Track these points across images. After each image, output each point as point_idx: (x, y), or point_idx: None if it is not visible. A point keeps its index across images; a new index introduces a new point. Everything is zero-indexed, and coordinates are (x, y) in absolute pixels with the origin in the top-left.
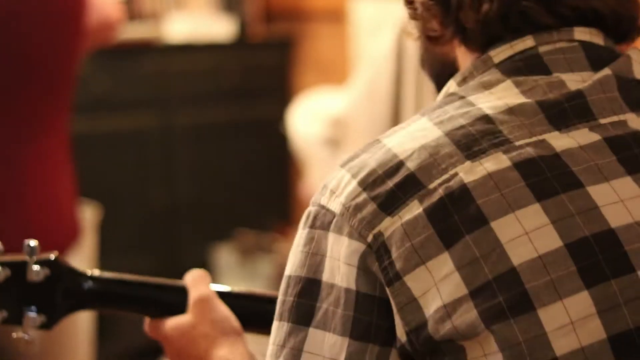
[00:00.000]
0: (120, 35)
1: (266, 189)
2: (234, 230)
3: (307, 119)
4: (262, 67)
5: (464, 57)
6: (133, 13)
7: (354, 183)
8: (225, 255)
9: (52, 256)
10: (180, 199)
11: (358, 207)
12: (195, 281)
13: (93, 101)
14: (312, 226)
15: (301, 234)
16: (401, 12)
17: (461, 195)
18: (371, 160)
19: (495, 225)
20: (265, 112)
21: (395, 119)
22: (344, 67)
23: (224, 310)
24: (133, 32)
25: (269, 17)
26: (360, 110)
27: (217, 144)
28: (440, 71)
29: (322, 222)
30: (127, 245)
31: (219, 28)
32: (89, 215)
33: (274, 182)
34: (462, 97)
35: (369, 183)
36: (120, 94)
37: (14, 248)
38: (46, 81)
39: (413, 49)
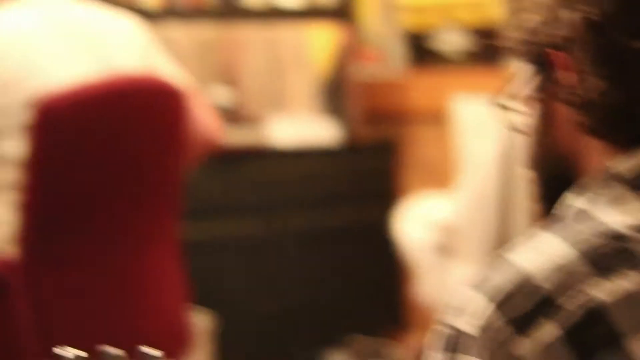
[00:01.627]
0: (227, 140)
1: (376, 294)
2: (345, 336)
3: (415, 224)
4: (367, 170)
5: (593, 154)
6: (237, 117)
7: (489, 306)
8: None
9: None
10: (290, 305)
11: (495, 330)
12: None
13: (202, 208)
14: (447, 349)
15: (436, 357)
16: (506, 112)
17: (600, 316)
18: (505, 281)
19: (633, 344)
20: (371, 215)
21: (505, 225)
22: (447, 169)
23: None
24: (238, 137)
25: (372, 120)
26: (469, 217)
27: (325, 249)
28: (554, 171)
29: (458, 345)
30: (240, 351)
31: (322, 131)
32: (201, 322)
33: (384, 286)
34: (594, 215)
35: (505, 306)
36: (229, 200)
37: None
38: (152, 188)
39: (521, 151)
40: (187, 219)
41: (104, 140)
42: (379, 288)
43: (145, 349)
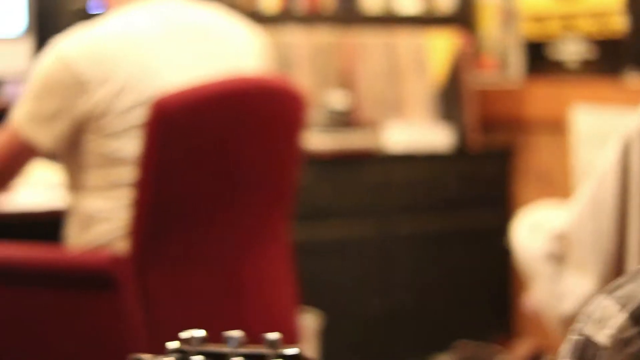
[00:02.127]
0: (342, 144)
1: (486, 300)
2: (453, 341)
3: (530, 232)
4: (481, 177)
5: None
6: (353, 122)
7: (622, 315)
8: None
9: (297, 350)
10: (398, 308)
11: (626, 342)
12: None
13: (314, 210)
14: (576, 357)
15: None
16: (625, 121)
17: None
18: (638, 291)
19: None
20: (484, 222)
21: (621, 235)
22: (564, 178)
23: None
24: (353, 141)
25: (487, 127)
26: (585, 226)
27: (436, 253)
28: None
29: (588, 355)
30: (346, 352)
31: (437, 137)
32: (310, 322)
33: (494, 293)
34: None
35: (638, 315)
36: (341, 203)
37: None
38: (267, 189)
39: (638, 163)
40: (299, 220)
41: (218, 140)
42: (489, 294)
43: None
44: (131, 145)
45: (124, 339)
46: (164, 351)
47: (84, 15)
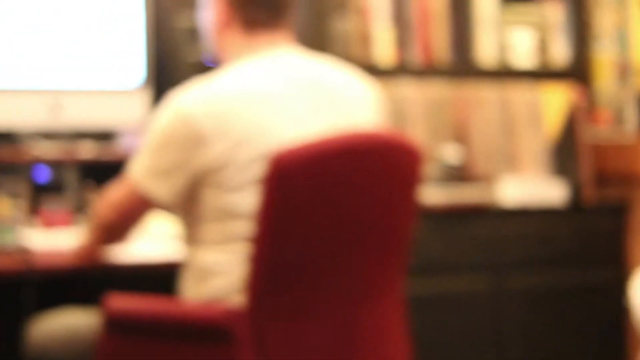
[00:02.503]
0: (455, 198)
1: (599, 358)
2: None
3: None
4: (595, 233)
5: None
6: (466, 176)
7: None
8: None
9: None
10: None
11: None
12: None
13: (426, 263)
14: None
15: None
16: None
17: None
18: None
19: None
20: (598, 279)
21: None
22: None
23: None
24: (466, 195)
25: (602, 182)
26: None
27: (548, 310)
28: None
29: None
30: None
31: (551, 192)
32: None
33: (608, 352)
34: None
35: None
36: (453, 257)
37: None
38: (381, 243)
39: None
40: (411, 274)
41: (335, 194)
42: (603, 353)
43: None
44: (248, 200)
45: None
46: None
47: (201, 67)
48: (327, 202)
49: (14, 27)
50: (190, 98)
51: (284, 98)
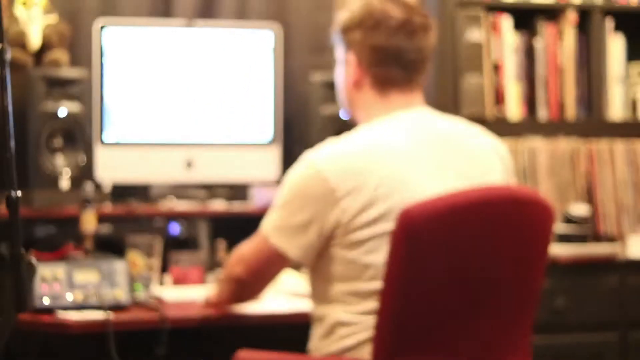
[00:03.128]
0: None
1: None
2: None
3: None
4: None
5: None
6: (594, 233)
7: None
8: None
9: None
10: None
11: None
12: None
13: (552, 318)
14: None
15: None
16: None
17: None
18: None
19: None
20: None
21: None
22: None
23: None
24: (594, 252)
25: None
26: None
27: None
28: None
29: None
30: None
31: None
32: None
33: None
34: None
35: None
36: (580, 311)
37: None
38: (513, 301)
39: None
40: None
41: (465, 250)
42: None
43: None
44: (378, 256)
45: None
46: None
47: (335, 123)
48: (457, 257)
49: (149, 84)
50: (324, 155)
51: (415, 155)
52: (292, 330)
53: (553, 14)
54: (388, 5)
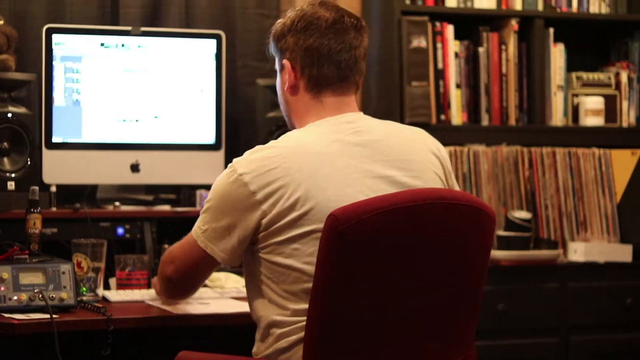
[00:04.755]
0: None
1: None
2: None
3: None
4: None
5: None
6: (535, 240)
7: None
8: None
9: None
10: None
11: None
12: None
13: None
14: None
15: None
16: None
17: None
18: None
19: None
20: None
21: None
22: None
23: None
24: (534, 257)
25: None
26: None
27: None
28: None
29: None
30: None
31: (619, 252)
32: None
33: None
34: None
35: None
36: (520, 315)
37: None
38: (452, 305)
39: None
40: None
41: (393, 253)
42: None
43: None
44: (300, 258)
45: None
46: None
47: (276, 127)
48: (387, 260)
49: (96, 88)
50: (245, 160)
51: (340, 158)
52: (241, 333)
53: (496, 23)
54: (319, 9)
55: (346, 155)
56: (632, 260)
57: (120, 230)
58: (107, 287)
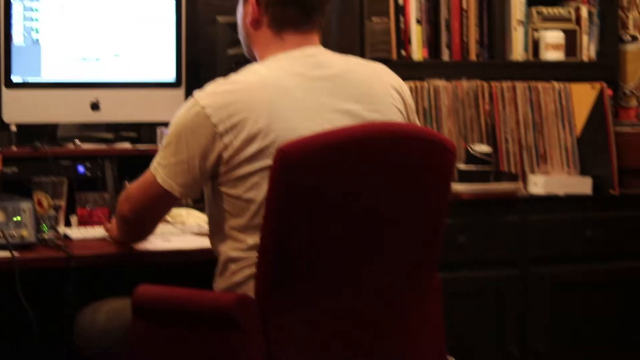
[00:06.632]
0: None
1: (624, 350)
2: None
3: None
4: (622, 224)
5: None
6: (495, 172)
7: None
8: None
9: None
10: (535, 355)
11: None
12: None
13: (453, 253)
14: None
15: None
16: None
17: None
18: None
19: None
20: (624, 270)
21: None
22: None
23: None
24: (494, 189)
25: (630, 173)
26: None
27: (575, 301)
28: None
29: None
30: None
31: (579, 184)
32: None
33: (633, 343)
34: None
35: None
36: (480, 247)
37: None
38: (412, 239)
39: None
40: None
41: (346, 186)
42: (629, 343)
43: None
44: (260, 192)
45: None
46: None
47: (237, 64)
48: (339, 194)
49: (55, 26)
50: (207, 93)
51: (300, 92)
52: (202, 269)
53: None
54: None
55: (307, 88)
56: (591, 192)
57: (81, 169)
58: (68, 224)
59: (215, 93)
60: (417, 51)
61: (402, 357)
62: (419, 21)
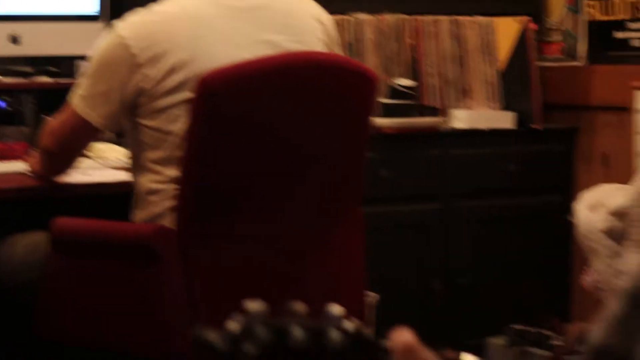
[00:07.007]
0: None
1: (545, 284)
2: (510, 321)
3: (592, 209)
4: (544, 158)
5: None
6: (418, 106)
7: None
8: (498, 350)
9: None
10: (457, 289)
11: None
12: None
13: (375, 188)
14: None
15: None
16: None
17: None
18: None
19: None
20: (546, 203)
21: None
22: (628, 159)
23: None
24: (417, 123)
25: (552, 108)
26: None
27: (497, 234)
28: None
29: None
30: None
31: (501, 118)
32: (369, 305)
33: (554, 276)
34: None
35: None
36: (403, 181)
37: None
38: (324, 169)
39: None
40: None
41: (266, 116)
42: (549, 278)
43: (329, 307)
44: (179, 124)
45: (165, 308)
46: (228, 322)
47: None
48: (260, 124)
49: None
50: (127, 24)
51: (221, 23)
52: (120, 202)
53: None
54: None
55: (230, 19)
56: (515, 127)
57: (1, 103)
58: None
59: (135, 23)
60: None
61: (319, 286)
62: None
